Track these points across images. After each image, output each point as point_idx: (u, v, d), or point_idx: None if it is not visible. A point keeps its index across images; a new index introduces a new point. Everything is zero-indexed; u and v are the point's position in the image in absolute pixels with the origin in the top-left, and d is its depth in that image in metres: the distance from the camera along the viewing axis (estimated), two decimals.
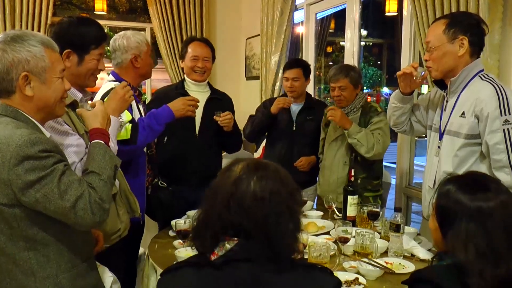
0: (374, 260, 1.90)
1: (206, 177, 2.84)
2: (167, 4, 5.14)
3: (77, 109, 1.65)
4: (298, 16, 4.63)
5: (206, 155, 2.87)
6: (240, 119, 3.11)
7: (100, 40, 1.96)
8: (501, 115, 1.85)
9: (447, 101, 2.08)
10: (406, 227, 2.25)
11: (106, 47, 2.49)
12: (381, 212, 2.43)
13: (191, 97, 2.52)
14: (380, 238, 2.20)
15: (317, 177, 3.16)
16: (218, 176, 1.24)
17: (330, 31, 7.45)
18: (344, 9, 3.96)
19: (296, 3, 4.44)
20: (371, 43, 13.18)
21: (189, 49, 2.84)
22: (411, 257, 2.03)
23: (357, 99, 2.91)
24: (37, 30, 4.74)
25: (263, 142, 3.54)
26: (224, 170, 1.24)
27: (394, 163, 3.56)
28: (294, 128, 3.23)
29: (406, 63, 3.15)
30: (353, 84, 2.88)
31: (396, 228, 2.06)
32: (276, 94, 4.41)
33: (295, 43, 4.72)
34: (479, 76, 1.98)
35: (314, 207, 2.93)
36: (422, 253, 2.03)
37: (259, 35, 4.80)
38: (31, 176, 1.33)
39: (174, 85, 3.03)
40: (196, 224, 1.24)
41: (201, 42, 2.90)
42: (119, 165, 1.62)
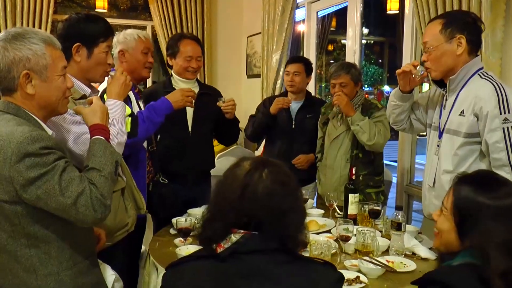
0: (375, 259, 1.90)
1: (202, 173, 2.91)
2: (168, 2, 5.14)
3: (74, 107, 1.63)
4: (300, 14, 4.62)
5: (200, 151, 2.86)
6: (241, 117, 3.10)
7: (108, 33, 1.97)
8: (501, 114, 1.84)
9: (446, 100, 2.07)
10: (407, 226, 2.24)
11: None
12: (382, 211, 2.43)
13: (188, 88, 2.51)
14: (381, 237, 2.20)
15: (316, 176, 3.15)
16: (227, 172, 1.27)
17: (331, 29, 7.44)
18: (346, 7, 3.95)
19: (298, 1, 4.44)
20: (373, 41, 13.17)
21: (182, 48, 2.76)
22: (412, 256, 2.02)
23: (357, 97, 2.90)
24: (38, 28, 4.73)
25: (264, 140, 3.54)
26: (232, 167, 1.27)
27: (395, 162, 3.56)
28: (293, 126, 3.24)
29: (408, 61, 3.14)
30: (354, 81, 2.88)
31: (397, 227, 2.06)
32: (277, 92, 4.40)
33: (296, 41, 4.71)
34: (478, 74, 1.97)
35: (314, 206, 2.93)
36: (423, 252, 2.03)
37: (260, 33, 4.80)
38: (32, 173, 1.33)
39: (161, 84, 2.94)
40: (208, 216, 1.27)
41: (193, 41, 2.82)
42: (120, 161, 1.62)
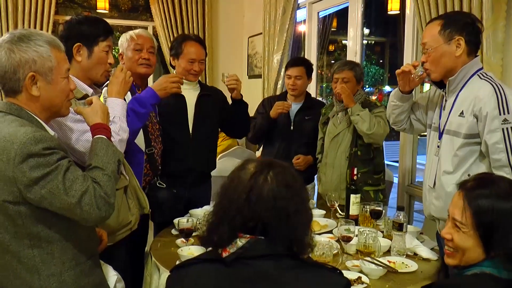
0: (377, 259, 1.90)
1: (201, 176, 2.88)
2: (169, 3, 5.14)
3: (75, 107, 1.64)
4: (301, 15, 4.62)
5: (201, 153, 2.82)
6: None
7: (107, 33, 1.99)
8: (500, 114, 1.83)
9: (446, 100, 2.07)
10: (409, 226, 2.24)
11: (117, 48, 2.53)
12: (384, 211, 2.43)
13: (173, 74, 2.47)
14: (383, 237, 2.20)
15: (315, 177, 3.15)
16: (231, 174, 1.26)
17: (332, 30, 7.44)
18: (346, 8, 3.95)
19: (299, 2, 4.43)
20: (374, 42, 13.14)
21: (185, 50, 2.73)
22: (414, 256, 2.03)
23: (358, 95, 2.91)
24: (40, 28, 4.75)
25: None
26: (237, 169, 1.26)
27: (397, 162, 3.56)
28: (292, 128, 3.25)
29: (409, 62, 3.12)
30: (356, 79, 2.91)
31: (399, 227, 2.06)
32: (279, 93, 4.40)
33: (297, 42, 4.71)
34: (478, 75, 1.96)
35: (315, 206, 2.93)
36: (425, 252, 2.03)
37: (261, 34, 4.80)
38: (36, 173, 1.34)
39: None
40: (213, 220, 1.25)
41: (197, 43, 2.78)
42: (122, 159, 1.63)
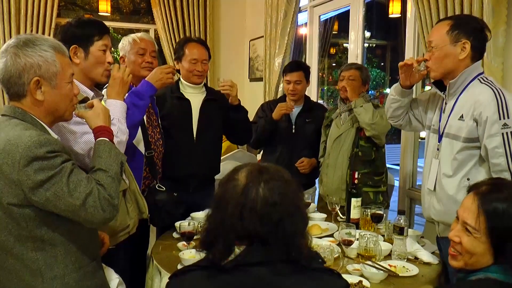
0: (378, 263, 1.91)
1: (205, 180, 2.86)
2: (171, 6, 5.15)
3: (75, 111, 1.64)
4: (302, 18, 4.63)
5: (204, 158, 2.80)
6: None
7: (102, 31, 1.97)
8: (500, 119, 1.83)
9: (446, 103, 2.08)
10: (410, 230, 2.25)
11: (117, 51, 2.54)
12: (385, 215, 2.43)
13: (167, 65, 2.47)
14: (384, 241, 2.20)
15: (317, 180, 3.15)
16: (222, 187, 1.22)
17: (334, 33, 7.45)
18: (348, 11, 3.96)
19: (300, 5, 4.45)
20: (375, 45, 13.14)
21: (187, 51, 2.73)
22: (415, 260, 2.03)
23: (361, 95, 2.92)
24: (42, 31, 4.79)
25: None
26: (227, 180, 1.21)
27: (398, 165, 3.56)
28: (293, 131, 3.24)
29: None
30: (362, 79, 2.94)
31: (400, 231, 2.06)
32: (280, 96, 4.41)
33: (299, 45, 4.72)
34: (478, 79, 1.97)
35: (315, 210, 2.92)
36: (426, 256, 2.03)
37: (263, 37, 4.81)
38: (41, 176, 1.35)
39: (169, 88, 2.80)
40: (206, 236, 1.22)
41: (198, 44, 2.79)
42: (125, 161, 1.63)
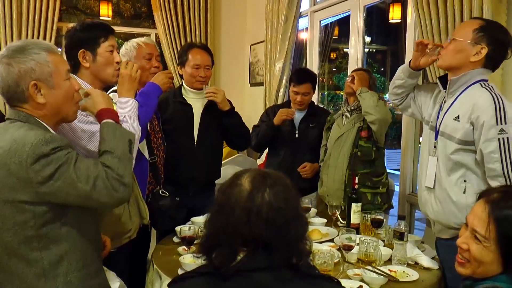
0: (378, 268, 1.91)
1: (205, 185, 2.86)
2: (172, 10, 5.17)
3: (80, 108, 1.64)
4: (302, 23, 4.64)
5: (205, 162, 2.80)
6: None
7: (107, 33, 1.98)
8: (497, 124, 1.83)
9: (445, 102, 2.08)
10: (410, 235, 2.24)
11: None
12: (385, 220, 2.43)
13: (168, 71, 2.52)
14: (384, 246, 2.20)
15: (318, 182, 3.15)
16: (224, 192, 1.21)
17: (334, 38, 7.45)
18: (348, 16, 3.97)
19: (301, 10, 4.46)
20: (375, 50, 13.16)
21: (190, 57, 2.75)
22: (415, 265, 2.03)
23: None
24: (43, 35, 4.82)
25: (266, 149, 3.54)
26: (229, 185, 1.20)
27: (398, 170, 3.56)
28: (297, 136, 3.24)
29: None
30: (370, 82, 2.92)
31: (400, 236, 2.06)
32: (280, 101, 4.42)
33: (299, 50, 4.73)
34: (480, 83, 1.97)
35: (315, 215, 2.92)
36: (426, 261, 2.03)
37: (264, 42, 4.82)
38: (48, 170, 1.37)
39: (171, 92, 2.83)
40: (206, 241, 1.21)
41: (202, 50, 2.80)
42: (134, 139, 1.62)
